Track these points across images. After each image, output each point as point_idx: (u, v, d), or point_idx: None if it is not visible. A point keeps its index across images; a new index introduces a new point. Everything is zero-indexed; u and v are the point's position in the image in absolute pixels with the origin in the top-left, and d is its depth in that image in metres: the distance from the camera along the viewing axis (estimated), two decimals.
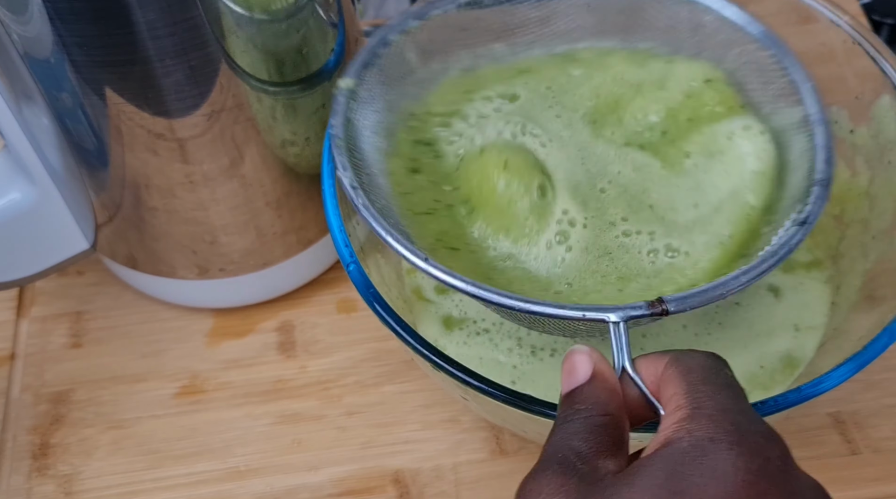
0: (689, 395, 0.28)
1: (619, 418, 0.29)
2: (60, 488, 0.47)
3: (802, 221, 0.36)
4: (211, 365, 0.51)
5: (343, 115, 0.39)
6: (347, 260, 0.39)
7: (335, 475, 0.46)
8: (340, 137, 0.39)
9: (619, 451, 0.28)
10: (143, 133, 0.41)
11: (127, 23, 0.37)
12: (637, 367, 0.31)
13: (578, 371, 0.30)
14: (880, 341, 0.36)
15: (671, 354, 0.30)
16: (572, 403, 0.29)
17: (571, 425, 0.28)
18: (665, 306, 0.33)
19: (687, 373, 0.28)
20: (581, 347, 0.31)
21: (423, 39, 0.42)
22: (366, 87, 0.40)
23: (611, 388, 0.30)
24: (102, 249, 0.50)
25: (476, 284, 0.34)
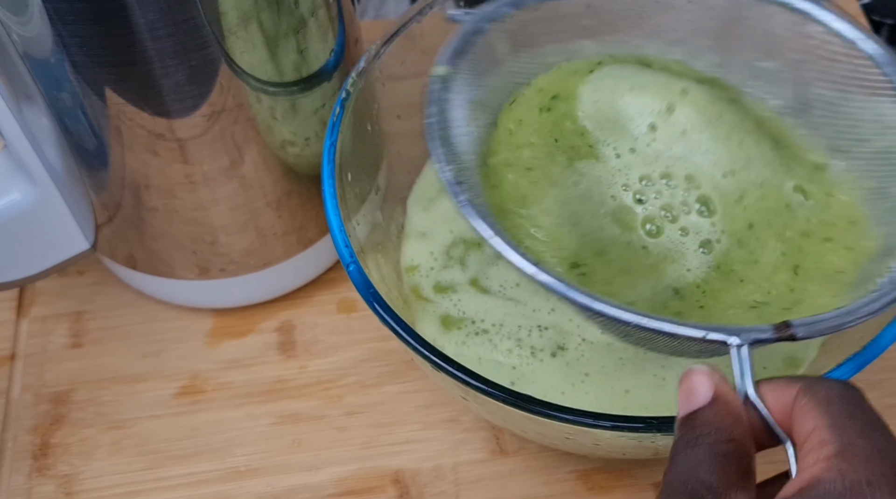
0: (835, 430, 0.26)
1: (745, 445, 0.27)
2: (60, 488, 0.47)
3: None
4: (211, 365, 0.51)
5: (438, 103, 0.37)
6: (347, 260, 0.39)
7: (335, 475, 0.46)
8: (439, 127, 0.37)
9: (749, 482, 0.26)
10: (144, 133, 0.41)
11: (127, 23, 0.37)
12: (761, 393, 0.29)
13: (698, 393, 0.28)
14: (881, 342, 0.36)
15: (802, 381, 0.28)
16: (693, 427, 0.27)
17: (695, 453, 0.27)
18: (792, 331, 0.31)
19: (827, 404, 0.27)
20: (700, 367, 0.29)
21: (514, 29, 0.41)
22: (460, 76, 0.39)
23: (735, 412, 0.28)
24: (102, 249, 0.50)
25: (593, 297, 0.32)
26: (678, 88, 0.41)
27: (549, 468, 0.46)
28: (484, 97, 0.41)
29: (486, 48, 0.41)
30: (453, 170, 0.36)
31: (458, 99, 0.39)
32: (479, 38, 0.40)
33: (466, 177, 0.37)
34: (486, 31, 0.40)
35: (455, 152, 0.37)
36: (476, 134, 0.39)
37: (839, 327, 0.32)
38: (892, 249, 0.37)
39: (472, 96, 0.40)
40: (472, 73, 0.40)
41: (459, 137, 0.38)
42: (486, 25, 0.40)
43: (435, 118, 0.37)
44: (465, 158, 0.38)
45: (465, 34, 0.40)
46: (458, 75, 0.39)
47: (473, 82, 0.40)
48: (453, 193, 0.35)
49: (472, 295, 0.45)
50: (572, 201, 0.41)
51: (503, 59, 0.42)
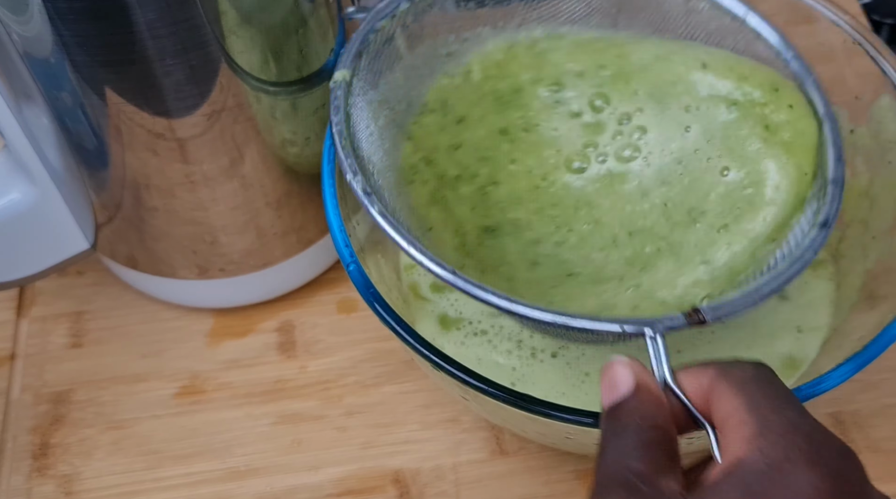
0: (751, 410, 0.26)
1: (669, 431, 0.28)
2: (60, 489, 0.47)
3: (823, 223, 0.36)
4: (211, 365, 0.51)
5: (343, 110, 0.37)
6: (347, 260, 0.39)
7: (335, 475, 0.46)
8: (345, 135, 0.37)
9: (675, 467, 0.27)
10: (143, 133, 0.41)
11: (127, 22, 0.37)
12: (679, 380, 0.29)
13: (620, 384, 0.29)
14: (880, 342, 0.36)
15: (716, 366, 0.29)
16: (618, 417, 0.28)
17: (623, 442, 0.27)
18: (702, 316, 0.32)
19: (741, 386, 0.27)
20: (620, 358, 0.29)
21: (411, 23, 0.41)
22: (361, 78, 0.39)
23: (656, 399, 0.28)
24: (102, 249, 0.50)
25: (508, 298, 0.33)
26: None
27: (549, 468, 0.46)
28: (387, 95, 0.40)
29: (386, 46, 0.40)
30: (361, 180, 0.36)
31: (360, 102, 0.39)
32: (376, 36, 0.40)
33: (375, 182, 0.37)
34: (383, 29, 0.40)
35: (364, 159, 0.37)
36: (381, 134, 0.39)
37: (744, 308, 0.33)
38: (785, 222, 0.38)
39: (374, 97, 0.39)
40: (373, 72, 0.40)
41: (366, 141, 0.38)
42: (383, 23, 0.40)
43: (340, 127, 0.37)
44: (374, 161, 0.38)
45: (364, 34, 0.39)
46: (358, 77, 0.39)
47: (374, 82, 0.40)
48: (365, 205, 0.35)
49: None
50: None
51: (403, 55, 0.41)
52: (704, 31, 0.42)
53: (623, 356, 0.30)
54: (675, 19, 0.42)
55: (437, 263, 0.34)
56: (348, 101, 0.38)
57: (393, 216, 0.35)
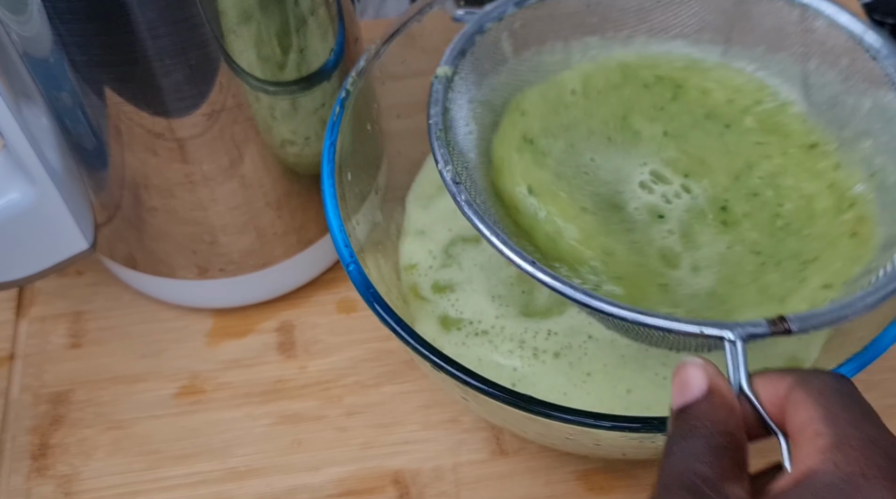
0: (829, 422, 0.26)
1: (739, 438, 0.27)
2: (60, 489, 0.47)
3: None
4: (211, 365, 0.51)
5: (442, 104, 0.38)
6: (347, 260, 0.39)
7: (335, 476, 0.46)
8: (441, 127, 0.37)
9: (743, 474, 0.26)
10: (143, 133, 0.41)
11: (126, 22, 0.37)
12: (754, 386, 0.29)
13: (693, 385, 0.28)
14: (881, 342, 0.36)
15: (795, 374, 0.28)
16: (688, 419, 0.27)
17: (690, 445, 0.27)
18: (787, 325, 0.31)
19: (820, 396, 0.27)
20: (694, 360, 0.29)
21: (517, 28, 0.41)
22: (462, 76, 0.39)
23: (729, 405, 0.28)
24: (102, 250, 0.50)
25: (589, 294, 0.32)
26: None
27: (549, 469, 0.46)
28: (487, 97, 0.41)
29: (490, 48, 0.41)
30: (451, 170, 0.36)
31: (460, 99, 0.39)
32: (481, 37, 0.40)
33: (467, 176, 0.37)
34: (488, 31, 0.41)
35: (455, 152, 0.38)
36: (478, 133, 0.40)
37: (835, 322, 0.32)
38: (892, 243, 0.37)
39: (474, 96, 0.40)
40: (476, 72, 0.40)
41: (461, 137, 0.39)
42: (489, 25, 0.41)
43: (437, 119, 0.38)
44: (467, 157, 0.38)
45: (468, 34, 0.40)
46: (460, 75, 0.39)
47: (476, 82, 0.40)
48: (453, 193, 0.36)
49: (469, 294, 0.45)
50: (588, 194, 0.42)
51: (507, 59, 0.42)
52: (820, 49, 0.41)
53: (697, 358, 0.29)
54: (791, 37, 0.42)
55: (518, 253, 0.33)
56: (448, 96, 0.38)
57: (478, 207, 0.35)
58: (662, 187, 0.42)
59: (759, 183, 0.42)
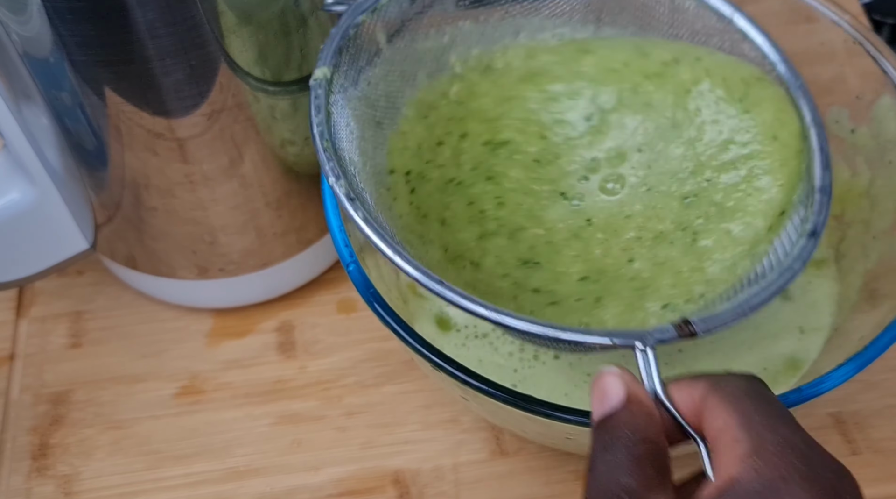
0: (744, 427, 0.26)
1: (660, 445, 0.27)
2: (60, 489, 0.46)
3: (811, 232, 0.35)
4: (211, 365, 0.51)
5: (325, 110, 0.36)
6: (347, 260, 0.39)
7: (335, 476, 0.46)
8: (326, 136, 0.35)
9: (666, 481, 0.27)
10: (143, 133, 0.41)
11: (126, 22, 0.37)
12: (670, 392, 0.29)
13: (611, 395, 0.28)
14: (881, 342, 0.36)
15: (707, 379, 0.28)
16: (608, 430, 0.28)
17: (613, 456, 0.27)
18: (692, 328, 0.32)
19: (733, 401, 0.27)
20: (611, 368, 0.29)
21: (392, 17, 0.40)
22: (342, 74, 0.37)
23: (648, 412, 0.28)
24: (102, 250, 0.50)
25: (497, 310, 0.32)
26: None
27: (549, 468, 0.46)
28: (367, 92, 0.39)
29: (365, 41, 0.39)
30: (344, 184, 0.34)
31: (341, 100, 0.37)
32: (356, 31, 0.38)
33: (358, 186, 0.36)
34: (363, 23, 0.39)
35: (345, 162, 0.36)
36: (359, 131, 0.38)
37: (735, 320, 0.33)
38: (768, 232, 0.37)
39: (355, 94, 0.38)
40: (353, 68, 0.38)
41: (347, 140, 0.37)
42: (363, 17, 0.39)
43: (321, 128, 0.35)
44: (355, 162, 0.37)
45: (344, 28, 0.38)
46: (340, 74, 0.37)
47: (354, 78, 0.38)
48: (348, 210, 0.34)
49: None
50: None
51: (382, 50, 0.40)
52: (689, 30, 0.41)
53: (614, 367, 0.29)
54: (660, 18, 0.42)
55: (424, 272, 0.33)
56: (329, 99, 0.36)
57: (376, 221, 0.34)
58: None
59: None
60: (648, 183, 0.42)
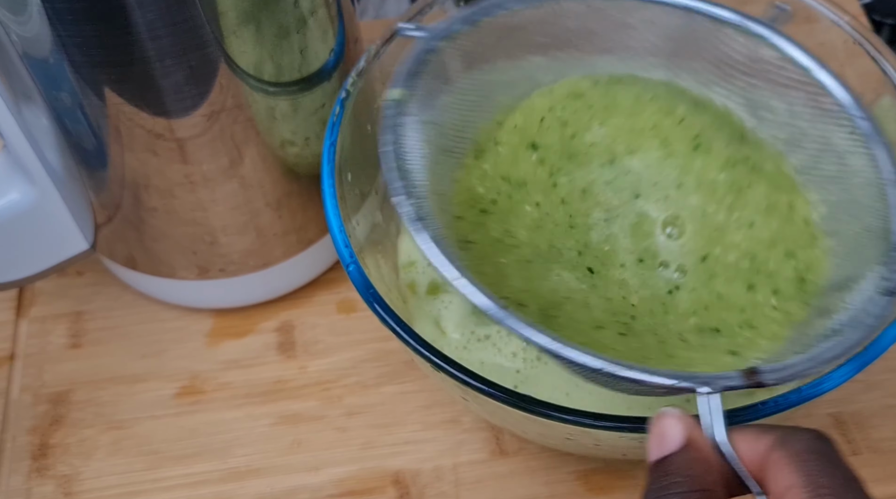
0: (812, 490, 0.26)
1: (716, 494, 0.27)
2: (60, 489, 0.47)
3: (892, 291, 0.34)
4: (211, 365, 0.51)
5: (394, 130, 0.36)
6: (347, 260, 0.39)
7: (335, 476, 0.46)
8: (394, 156, 0.35)
9: None
10: (143, 133, 0.41)
11: (126, 23, 0.37)
12: (733, 442, 0.28)
13: (670, 437, 0.28)
14: (881, 342, 0.36)
15: (776, 433, 0.28)
16: (665, 473, 0.27)
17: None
18: (760, 378, 0.31)
19: (801, 461, 0.26)
20: (672, 411, 0.29)
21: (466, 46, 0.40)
22: (417, 98, 0.37)
23: (706, 460, 0.28)
24: (102, 250, 0.50)
25: (559, 340, 0.31)
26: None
27: (549, 469, 0.46)
28: (438, 118, 0.39)
29: (440, 67, 0.39)
30: (414, 205, 0.34)
31: (413, 122, 0.37)
32: (432, 56, 0.38)
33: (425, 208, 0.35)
34: (439, 50, 0.39)
35: (413, 184, 0.36)
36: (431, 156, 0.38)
37: (805, 374, 0.32)
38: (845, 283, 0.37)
39: (426, 117, 0.38)
40: (428, 93, 0.38)
41: (416, 163, 0.37)
42: (439, 43, 0.39)
43: (391, 147, 0.35)
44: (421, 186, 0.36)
45: (419, 54, 0.38)
46: (413, 97, 0.37)
47: (428, 103, 0.38)
48: (415, 230, 0.34)
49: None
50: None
51: (456, 78, 0.40)
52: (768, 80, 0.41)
53: (675, 409, 0.29)
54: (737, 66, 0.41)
55: (489, 296, 0.32)
56: (399, 120, 0.36)
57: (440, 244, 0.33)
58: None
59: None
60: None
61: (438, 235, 0.34)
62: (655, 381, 0.30)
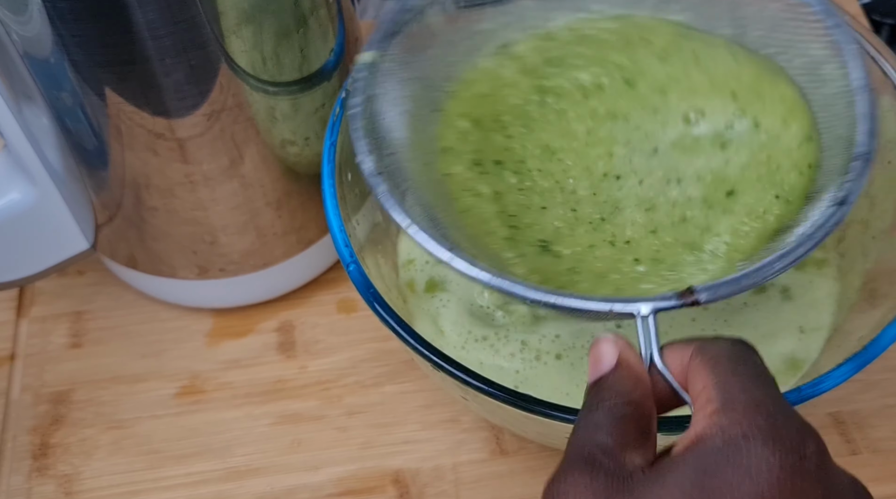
0: (719, 387, 0.26)
1: (645, 406, 0.28)
2: (60, 489, 0.47)
3: (841, 200, 0.33)
4: (211, 365, 0.51)
5: (363, 92, 0.36)
6: (347, 260, 0.39)
7: (335, 475, 0.46)
8: (361, 117, 0.36)
9: (647, 442, 0.27)
10: (143, 133, 0.41)
11: (127, 22, 0.37)
12: (664, 357, 0.29)
13: (604, 360, 0.29)
14: (880, 342, 0.36)
15: (696, 342, 0.29)
16: (597, 391, 0.28)
17: (595, 416, 0.27)
18: (696, 297, 0.31)
19: (714, 363, 0.27)
20: (606, 336, 0.29)
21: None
22: (390, 58, 0.37)
23: (636, 375, 0.28)
24: (102, 249, 0.50)
25: (498, 275, 0.32)
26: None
27: (549, 468, 0.45)
28: (422, 72, 0.39)
29: (421, 24, 0.39)
30: (374, 159, 0.35)
31: (389, 81, 0.37)
32: (410, 15, 0.38)
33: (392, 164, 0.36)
34: (417, 7, 0.39)
35: (380, 140, 0.36)
36: (415, 111, 0.38)
37: (741, 289, 0.32)
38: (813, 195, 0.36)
39: (408, 75, 0.38)
40: (407, 50, 0.38)
41: (391, 120, 0.37)
42: (415, 2, 0.39)
43: (359, 108, 0.36)
44: (394, 144, 0.37)
45: (395, 13, 0.38)
46: (390, 57, 0.37)
47: (408, 60, 0.38)
48: (372, 184, 0.34)
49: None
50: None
51: (439, 32, 0.40)
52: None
53: (610, 333, 0.30)
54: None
55: (436, 240, 0.32)
56: (372, 82, 0.37)
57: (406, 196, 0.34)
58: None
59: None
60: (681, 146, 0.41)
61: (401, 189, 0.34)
62: (592, 307, 0.31)
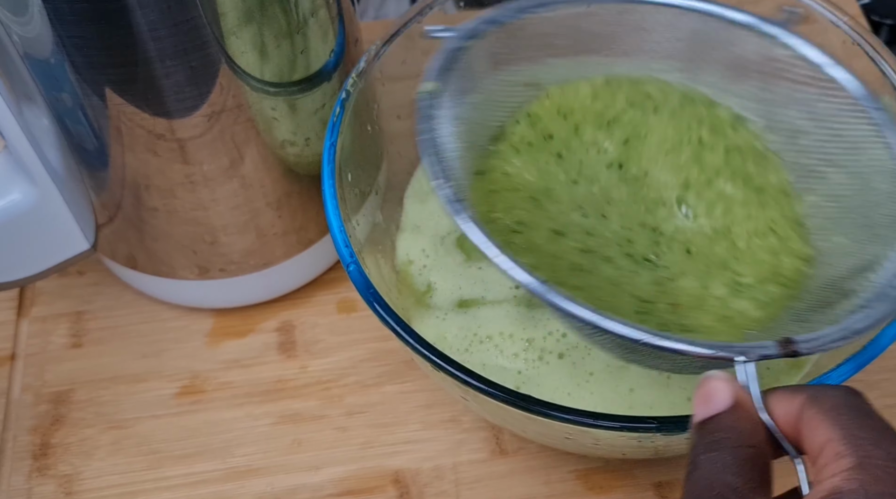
0: (848, 441, 0.26)
1: (765, 453, 0.27)
2: (61, 488, 0.47)
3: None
4: (211, 365, 0.51)
5: (428, 120, 0.37)
6: (347, 260, 0.39)
7: (335, 475, 0.46)
8: (430, 144, 0.37)
9: (768, 489, 0.27)
10: (144, 134, 0.41)
11: (127, 24, 0.37)
12: (768, 405, 0.29)
13: (718, 398, 0.28)
14: (880, 342, 0.36)
15: (807, 391, 0.28)
16: (713, 431, 0.28)
17: (718, 457, 0.27)
18: (795, 348, 0.31)
19: (836, 415, 0.27)
20: (718, 373, 0.29)
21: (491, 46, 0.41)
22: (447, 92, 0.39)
23: (755, 420, 0.28)
24: (103, 250, 0.50)
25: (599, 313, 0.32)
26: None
27: (549, 468, 0.46)
28: (466, 114, 0.40)
29: (468, 66, 0.40)
30: (453, 186, 0.35)
31: (445, 115, 0.39)
32: (461, 54, 0.40)
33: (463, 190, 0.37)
34: (467, 49, 0.40)
35: (450, 168, 0.37)
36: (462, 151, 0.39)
37: (839, 343, 0.32)
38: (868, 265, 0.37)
39: (457, 113, 0.39)
40: (458, 90, 0.40)
41: (449, 152, 0.38)
42: (467, 43, 0.40)
43: (428, 135, 0.37)
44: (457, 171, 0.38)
45: (450, 51, 0.40)
46: (445, 91, 0.39)
47: (458, 99, 0.40)
48: (454, 211, 0.35)
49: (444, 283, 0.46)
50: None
51: (481, 77, 0.41)
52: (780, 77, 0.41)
53: (721, 372, 0.29)
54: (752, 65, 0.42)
55: (528, 271, 0.33)
56: (433, 112, 0.38)
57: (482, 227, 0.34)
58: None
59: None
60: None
61: (475, 215, 0.35)
62: (694, 351, 0.31)
